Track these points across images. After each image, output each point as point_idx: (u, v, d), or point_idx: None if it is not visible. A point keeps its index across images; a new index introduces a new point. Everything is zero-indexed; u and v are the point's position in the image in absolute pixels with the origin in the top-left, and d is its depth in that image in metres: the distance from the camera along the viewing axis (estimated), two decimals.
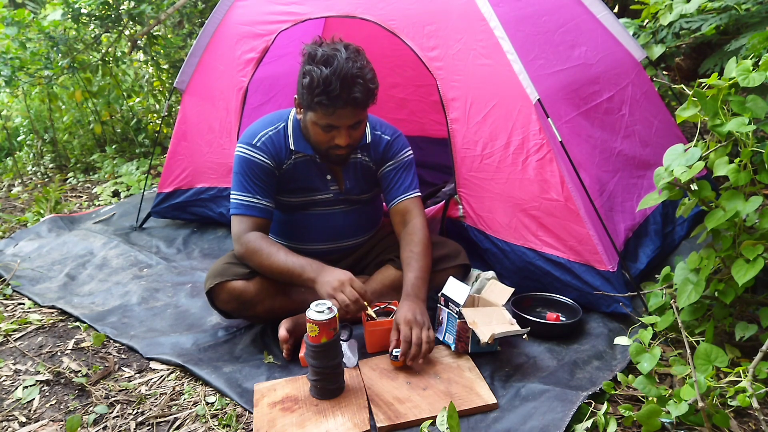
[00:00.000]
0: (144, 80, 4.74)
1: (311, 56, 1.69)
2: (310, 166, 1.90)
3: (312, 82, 1.65)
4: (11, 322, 2.13)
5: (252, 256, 1.77)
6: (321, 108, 1.68)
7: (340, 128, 1.73)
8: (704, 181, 1.58)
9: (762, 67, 1.55)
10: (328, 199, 1.94)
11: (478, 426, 1.44)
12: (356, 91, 1.65)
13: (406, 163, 1.97)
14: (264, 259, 1.75)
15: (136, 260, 2.59)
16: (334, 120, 1.71)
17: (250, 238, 1.79)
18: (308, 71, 1.67)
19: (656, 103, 2.43)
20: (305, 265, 1.71)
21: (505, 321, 1.67)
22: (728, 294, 1.56)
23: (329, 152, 1.82)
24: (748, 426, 1.41)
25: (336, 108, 1.67)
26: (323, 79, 1.63)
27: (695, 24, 2.62)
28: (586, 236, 1.82)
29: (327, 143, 1.78)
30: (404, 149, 1.98)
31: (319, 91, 1.64)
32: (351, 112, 1.70)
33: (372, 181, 1.99)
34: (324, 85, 1.63)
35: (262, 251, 1.75)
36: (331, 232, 1.98)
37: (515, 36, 1.89)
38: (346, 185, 1.94)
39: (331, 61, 1.64)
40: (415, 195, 1.94)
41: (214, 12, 2.56)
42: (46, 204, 3.48)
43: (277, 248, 1.77)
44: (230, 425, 1.54)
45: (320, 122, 1.73)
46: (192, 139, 2.74)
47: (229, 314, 1.88)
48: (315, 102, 1.67)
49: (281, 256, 1.74)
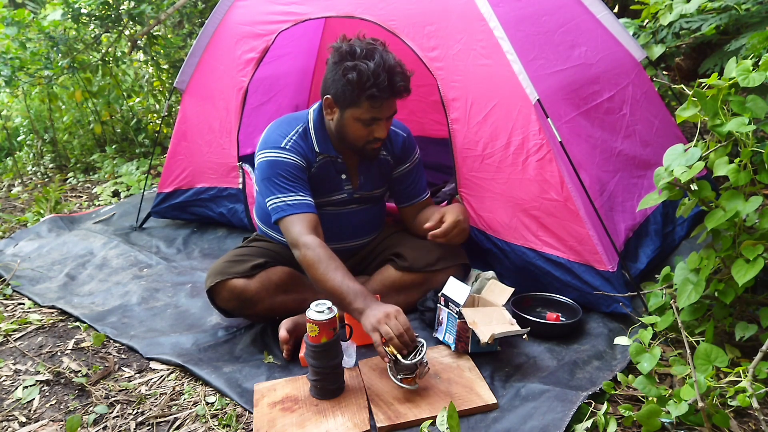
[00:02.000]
0: (144, 80, 4.74)
1: (350, 53, 1.71)
2: (330, 168, 1.91)
3: (361, 77, 1.67)
4: (11, 322, 2.13)
5: (308, 267, 1.68)
6: (370, 101, 1.70)
7: (381, 120, 1.77)
8: (704, 181, 1.58)
9: (762, 67, 1.55)
10: (342, 199, 1.95)
11: (478, 426, 1.44)
12: (399, 80, 1.71)
13: (419, 163, 2.07)
14: (320, 274, 1.64)
15: (136, 260, 2.59)
16: (378, 112, 1.74)
17: (309, 244, 1.68)
18: (353, 67, 1.68)
19: (656, 103, 2.43)
20: (357, 294, 1.59)
21: (505, 321, 1.67)
22: (728, 294, 1.56)
23: (366, 147, 1.83)
24: (748, 426, 1.40)
25: (384, 99, 1.71)
26: (372, 73, 1.66)
27: (695, 24, 2.62)
28: (585, 236, 1.82)
29: (366, 138, 1.80)
30: (416, 148, 2.07)
31: (370, 84, 1.67)
32: (394, 103, 1.77)
33: (385, 178, 2.02)
34: (373, 78, 1.67)
35: (320, 264, 1.64)
36: (341, 232, 1.98)
37: (515, 36, 1.89)
38: (360, 181, 1.96)
39: (373, 55, 1.69)
40: (427, 196, 2.09)
41: (214, 12, 2.56)
42: (46, 204, 3.48)
43: (335, 266, 1.64)
44: (230, 425, 1.54)
45: (364, 117, 1.74)
46: (192, 139, 2.74)
47: (229, 313, 1.88)
48: (366, 96, 1.69)
49: (337, 277, 1.62)
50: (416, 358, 1.51)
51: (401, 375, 1.52)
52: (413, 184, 2.05)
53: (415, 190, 2.05)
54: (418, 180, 2.06)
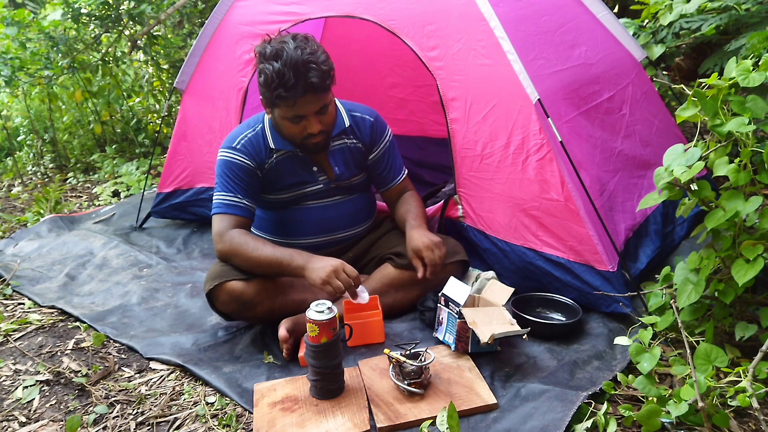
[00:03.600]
0: (144, 80, 4.74)
1: (261, 54, 1.74)
2: (294, 162, 1.93)
3: (267, 79, 1.70)
4: (11, 322, 2.13)
5: (236, 252, 1.77)
6: (282, 101, 1.72)
7: (308, 116, 1.78)
8: (704, 181, 1.58)
9: (762, 67, 1.54)
10: (320, 190, 1.97)
11: (478, 426, 1.44)
12: (311, 76, 1.69)
13: (391, 143, 2.08)
14: (250, 252, 1.75)
15: (136, 260, 2.59)
16: (298, 110, 1.75)
17: (232, 234, 1.79)
18: (261, 69, 1.72)
19: (656, 103, 2.43)
20: (293, 253, 1.73)
21: (505, 321, 1.67)
22: (728, 294, 1.56)
23: (305, 143, 1.85)
24: (748, 426, 1.40)
25: (296, 97, 1.71)
26: (276, 73, 1.68)
27: (695, 24, 2.62)
28: (585, 236, 1.82)
29: (300, 134, 1.82)
30: (386, 129, 2.08)
31: (276, 85, 1.69)
32: (312, 98, 1.74)
33: (361, 165, 2.04)
34: (278, 78, 1.68)
35: (248, 245, 1.76)
36: (326, 224, 2.00)
37: (515, 36, 1.89)
38: (336, 172, 1.97)
39: (280, 54, 1.69)
40: (405, 174, 2.11)
41: (214, 12, 2.56)
42: (46, 204, 3.48)
43: (262, 242, 1.78)
44: (230, 425, 1.54)
45: (287, 115, 1.77)
46: (192, 139, 2.74)
47: (229, 316, 1.88)
48: (275, 97, 1.72)
49: (267, 249, 1.75)
50: (421, 363, 1.52)
51: (407, 380, 1.53)
52: (389, 167, 2.06)
53: (392, 173, 2.07)
54: (393, 161, 2.07)
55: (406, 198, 2.08)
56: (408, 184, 2.12)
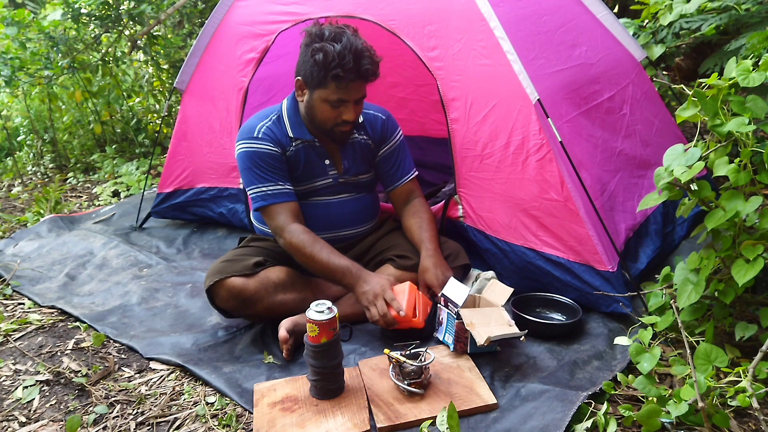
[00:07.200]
0: (144, 80, 4.74)
1: (319, 35, 1.76)
2: (309, 152, 1.94)
3: (327, 57, 1.72)
4: (11, 322, 2.13)
5: (296, 252, 1.82)
6: (336, 81, 1.74)
7: (349, 103, 1.80)
8: (704, 181, 1.58)
9: (762, 67, 1.54)
10: (329, 185, 1.97)
11: (478, 426, 1.44)
12: (366, 63, 1.75)
13: (401, 142, 2.08)
14: (307, 254, 1.79)
15: (136, 260, 2.59)
16: (345, 94, 1.78)
17: (293, 232, 1.82)
18: (320, 48, 1.73)
19: (656, 103, 2.43)
20: (345, 269, 1.77)
21: (504, 322, 1.67)
22: (728, 294, 1.56)
23: (335, 130, 1.86)
24: (748, 426, 1.40)
25: (350, 81, 1.75)
26: (338, 54, 1.71)
27: (695, 24, 2.62)
28: (585, 236, 1.82)
29: (334, 120, 1.84)
30: (398, 129, 2.08)
31: (335, 64, 1.72)
32: (361, 85, 1.80)
33: (370, 162, 2.05)
34: (339, 59, 1.71)
35: (305, 248, 1.79)
36: (331, 221, 1.99)
37: (515, 36, 1.89)
38: (344, 165, 1.98)
39: (341, 38, 1.74)
40: (414, 175, 2.08)
41: (214, 12, 2.56)
42: (46, 204, 3.48)
43: (320, 246, 1.80)
44: (230, 425, 1.54)
45: (331, 98, 1.79)
46: (192, 139, 2.74)
47: (229, 313, 1.88)
48: (331, 76, 1.74)
49: (324, 255, 1.78)
50: (421, 363, 1.52)
51: (407, 380, 1.53)
52: (397, 164, 2.06)
53: (400, 171, 2.06)
54: (403, 160, 2.07)
55: (417, 208, 2.03)
56: (416, 188, 2.08)
